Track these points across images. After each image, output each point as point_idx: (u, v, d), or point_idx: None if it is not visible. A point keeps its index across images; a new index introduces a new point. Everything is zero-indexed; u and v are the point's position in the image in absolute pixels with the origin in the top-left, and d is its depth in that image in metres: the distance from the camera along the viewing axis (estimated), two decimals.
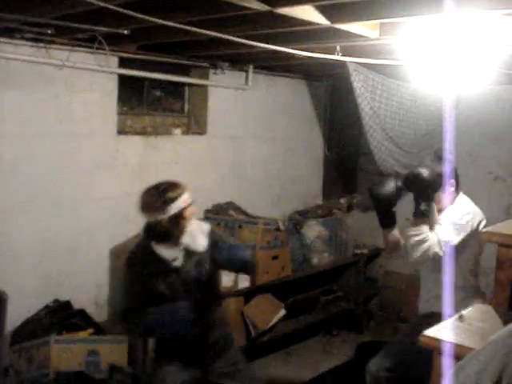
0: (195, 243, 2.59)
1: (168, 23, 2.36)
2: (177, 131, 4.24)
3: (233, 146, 4.51)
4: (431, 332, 1.98)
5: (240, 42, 2.72)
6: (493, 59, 3.19)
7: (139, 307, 2.54)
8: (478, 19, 2.36)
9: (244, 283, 4.00)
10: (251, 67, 4.43)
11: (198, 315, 2.55)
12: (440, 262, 2.65)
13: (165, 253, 2.56)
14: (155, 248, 2.56)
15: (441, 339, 1.92)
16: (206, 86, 4.30)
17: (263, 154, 4.76)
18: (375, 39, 2.77)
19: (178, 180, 2.64)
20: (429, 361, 1.97)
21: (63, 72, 3.39)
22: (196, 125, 4.38)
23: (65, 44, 3.31)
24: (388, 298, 5.24)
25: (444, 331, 1.99)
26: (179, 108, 4.39)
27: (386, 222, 2.79)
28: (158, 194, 2.49)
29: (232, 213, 4.26)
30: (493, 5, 2.07)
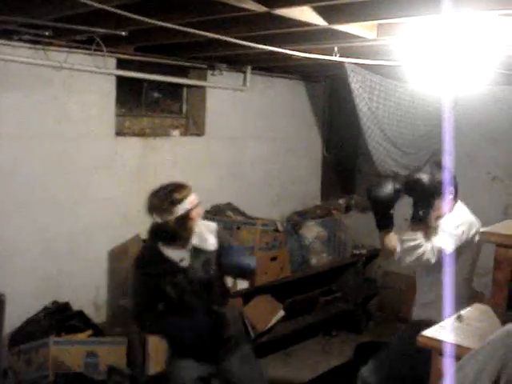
0: (206, 243, 2.62)
1: (166, 25, 2.36)
2: (175, 132, 4.24)
3: (231, 147, 4.51)
4: (430, 332, 1.99)
5: (238, 43, 2.73)
6: (491, 60, 3.19)
7: (150, 307, 2.63)
8: (476, 20, 2.36)
9: (243, 284, 3.98)
10: (249, 68, 4.43)
11: (210, 315, 2.59)
12: (435, 267, 2.66)
13: (172, 254, 2.58)
14: (162, 249, 2.58)
15: (440, 339, 1.92)
16: (204, 87, 4.29)
17: (261, 155, 4.76)
18: (373, 40, 2.77)
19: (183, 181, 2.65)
20: (423, 370, 1.98)
21: (61, 73, 3.40)
22: (194, 126, 4.38)
23: (63, 45, 3.31)
24: (387, 299, 5.23)
25: (443, 331, 1.99)
26: (177, 109, 4.39)
27: (383, 224, 2.78)
28: (165, 196, 2.50)
29: (230, 214, 4.26)
30: (490, 5, 2.07)
